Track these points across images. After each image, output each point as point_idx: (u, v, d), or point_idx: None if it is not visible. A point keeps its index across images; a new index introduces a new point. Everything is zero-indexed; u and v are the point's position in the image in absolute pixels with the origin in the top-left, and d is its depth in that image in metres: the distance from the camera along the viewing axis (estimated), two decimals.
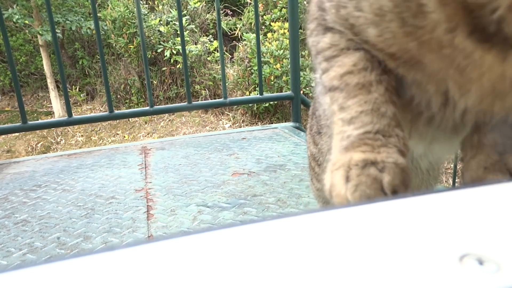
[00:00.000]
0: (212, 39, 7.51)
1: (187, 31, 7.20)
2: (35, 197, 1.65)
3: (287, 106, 6.48)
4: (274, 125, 2.56)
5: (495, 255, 0.28)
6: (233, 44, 7.61)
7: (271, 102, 6.39)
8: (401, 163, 0.52)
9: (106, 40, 7.46)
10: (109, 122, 7.19)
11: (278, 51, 6.40)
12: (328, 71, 0.61)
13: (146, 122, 7.31)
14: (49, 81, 7.65)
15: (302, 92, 2.81)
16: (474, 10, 0.44)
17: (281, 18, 7.15)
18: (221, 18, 3.13)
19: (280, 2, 7.40)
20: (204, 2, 8.03)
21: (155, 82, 7.39)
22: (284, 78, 6.27)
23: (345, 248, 0.30)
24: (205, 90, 7.20)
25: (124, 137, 7.14)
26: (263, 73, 5.94)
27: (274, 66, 6.30)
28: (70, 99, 5.22)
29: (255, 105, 6.50)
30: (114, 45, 7.52)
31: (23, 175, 1.91)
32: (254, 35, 6.18)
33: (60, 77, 2.35)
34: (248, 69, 6.72)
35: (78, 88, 8.25)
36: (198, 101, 6.54)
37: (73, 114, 2.27)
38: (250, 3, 7.80)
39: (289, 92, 2.66)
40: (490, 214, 0.34)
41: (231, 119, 6.92)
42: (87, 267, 0.29)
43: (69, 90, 6.99)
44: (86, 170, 1.91)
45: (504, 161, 0.57)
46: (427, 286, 0.26)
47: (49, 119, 5.56)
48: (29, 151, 6.98)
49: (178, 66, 7.10)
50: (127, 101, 7.68)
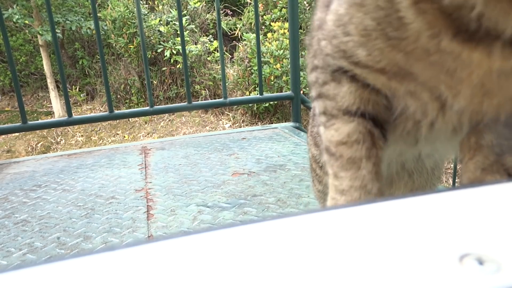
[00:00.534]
0: (212, 39, 7.51)
1: (187, 31, 7.20)
2: (35, 197, 1.65)
3: (287, 106, 6.48)
4: (274, 125, 2.56)
5: (495, 255, 0.28)
6: (233, 44, 7.61)
7: (271, 102, 6.39)
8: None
9: (106, 40, 7.46)
10: (109, 122, 7.20)
11: (278, 51, 6.39)
12: (326, 128, 0.69)
13: (146, 122, 7.31)
14: (49, 81, 7.65)
15: (302, 92, 2.81)
16: (453, 13, 0.45)
17: (281, 18, 7.15)
18: (221, 18, 3.13)
19: (280, 2, 7.40)
20: (204, 2, 8.03)
21: (155, 82, 7.39)
22: (284, 78, 6.27)
23: (345, 248, 0.30)
24: (205, 90, 7.20)
25: (124, 137, 7.14)
26: (263, 73, 5.94)
27: (274, 66, 6.30)
28: (70, 99, 5.22)
29: (255, 105, 6.50)
30: (114, 45, 7.52)
31: (23, 175, 1.91)
32: (254, 35, 6.18)
33: (60, 77, 2.35)
34: (248, 69, 6.72)
35: (78, 88, 8.25)
36: (198, 101, 6.54)
37: (73, 114, 2.27)
38: (250, 3, 7.80)
39: (289, 92, 2.66)
40: (490, 214, 0.34)
41: (231, 119, 6.92)
42: (87, 267, 0.29)
43: (69, 90, 6.99)
44: (86, 170, 1.91)
45: (501, 162, 0.57)
46: (427, 286, 0.26)
47: (49, 119, 5.56)
48: (29, 151, 6.98)
49: (178, 66, 7.10)
50: (127, 101, 7.68)
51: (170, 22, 7.22)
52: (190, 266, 0.29)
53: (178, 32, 4.14)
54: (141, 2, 6.67)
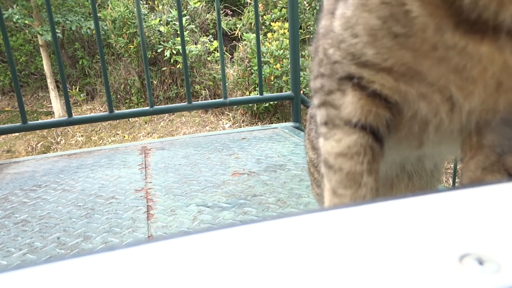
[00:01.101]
0: (212, 39, 7.51)
1: (187, 31, 7.20)
2: (35, 197, 1.65)
3: (287, 106, 6.48)
4: (274, 125, 2.56)
5: (495, 255, 0.28)
6: (233, 44, 7.61)
7: (271, 102, 6.39)
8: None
9: (106, 40, 7.46)
10: (109, 122, 7.20)
11: (278, 51, 6.39)
12: (327, 139, 0.67)
13: (146, 122, 7.31)
14: (49, 81, 7.65)
15: (302, 92, 2.81)
16: (454, 2, 0.44)
17: (281, 18, 7.15)
18: (221, 18, 3.13)
19: (280, 2, 7.40)
20: (204, 2, 8.03)
21: (155, 82, 7.39)
22: (284, 78, 6.27)
23: (345, 248, 0.30)
24: (205, 90, 7.20)
25: (124, 137, 7.14)
26: (263, 73, 5.94)
27: (274, 66, 6.30)
28: (70, 99, 5.22)
29: (255, 105, 6.50)
30: (114, 45, 7.52)
31: (23, 175, 1.91)
32: (254, 35, 6.18)
33: (60, 77, 2.35)
34: (248, 69, 6.72)
35: (78, 88, 8.25)
36: (198, 101, 6.54)
37: (73, 114, 2.27)
38: (250, 3, 7.80)
39: (289, 92, 2.66)
40: (490, 214, 0.34)
41: (231, 119, 6.92)
42: (87, 267, 0.29)
43: (69, 90, 6.99)
44: (86, 170, 1.91)
45: (502, 161, 0.57)
46: (427, 286, 0.26)
47: (49, 119, 5.56)
48: (29, 151, 6.98)
49: (178, 66, 7.10)
50: (127, 101, 7.68)
51: (170, 22, 7.22)
52: (190, 266, 0.29)
53: (178, 32, 4.14)
54: (141, 2, 6.68)
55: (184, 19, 6.58)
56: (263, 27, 7.19)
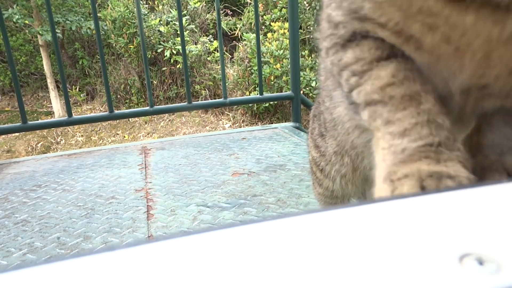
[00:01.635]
0: (212, 39, 7.51)
1: (187, 31, 7.20)
2: (35, 197, 1.65)
3: (287, 106, 6.48)
4: (274, 125, 2.56)
5: (495, 255, 0.28)
6: (233, 44, 7.61)
7: (271, 102, 6.39)
8: (472, 179, 0.50)
9: (106, 40, 7.46)
10: (109, 122, 7.20)
11: (278, 51, 6.40)
12: (360, 86, 0.59)
13: (146, 122, 7.31)
14: (49, 81, 7.66)
15: (302, 92, 2.81)
16: None
17: (281, 18, 7.15)
18: (221, 18, 3.13)
19: (280, 2, 7.40)
20: (204, 2, 8.03)
21: (155, 82, 7.39)
22: (284, 78, 6.27)
23: (345, 248, 0.30)
24: (205, 90, 7.20)
25: (124, 137, 7.14)
26: (263, 73, 5.94)
27: (274, 66, 6.30)
28: (70, 99, 5.22)
29: (255, 105, 6.50)
30: (114, 45, 7.52)
31: (23, 175, 1.91)
32: (254, 35, 6.18)
33: (60, 77, 2.35)
34: (248, 69, 6.72)
35: (78, 88, 8.25)
36: (198, 101, 6.54)
37: (73, 114, 2.27)
38: (250, 3, 7.80)
39: (289, 92, 2.66)
40: (490, 214, 0.34)
41: (231, 119, 6.92)
42: (87, 267, 0.29)
43: (69, 90, 6.99)
44: (86, 170, 1.91)
45: (502, 161, 0.57)
46: (427, 286, 0.26)
47: (49, 119, 5.56)
48: (29, 151, 6.98)
49: (178, 66, 7.10)
50: (127, 101, 7.68)
51: (170, 22, 7.22)
52: (190, 266, 0.29)
53: (178, 32, 4.14)
54: (141, 2, 6.68)
55: (184, 19, 6.58)
56: (263, 27, 7.19)
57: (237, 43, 7.41)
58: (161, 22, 7.16)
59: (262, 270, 0.28)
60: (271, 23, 6.97)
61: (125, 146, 2.28)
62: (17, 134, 6.92)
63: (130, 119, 7.25)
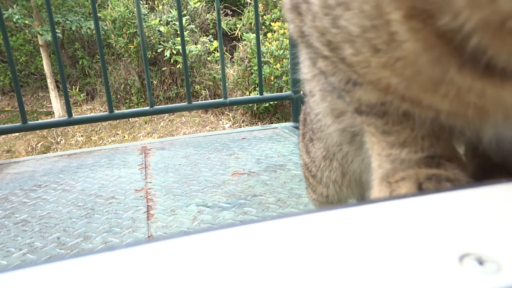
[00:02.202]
0: (212, 39, 7.51)
1: (187, 31, 7.20)
2: (35, 197, 1.65)
3: (287, 106, 6.48)
4: (274, 125, 2.56)
5: (495, 255, 0.28)
6: (233, 44, 7.61)
7: (271, 102, 6.39)
8: (472, 183, 0.49)
9: (106, 40, 7.46)
10: (109, 122, 7.20)
11: (278, 51, 6.40)
12: (348, 93, 0.52)
13: (146, 122, 7.31)
14: (49, 81, 7.66)
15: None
16: (452, 38, 0.34)
17: (281, 18, 7.14)
18: (221, 18, 3.13)
19: (280, 2, 7.40)
20: (204, 2, 8.03)
21: (155, 82, 7.39)
22: (284, 78, 6.27)
23: (345, 248, 0.30)
24: (205, 90, 7.20)
25: (124, 137, 7.14)
26: (263, 73, 5.94)
27: (274, 66, 6.31)
28: (70, 99, 5.22)
29: (255, 105, 6.50)
30: (114, 45, 7.53)
31: (23, 175, 1.91)
32: (254, 35, 6.18)
33: (60, 77, 2.35)
34: (248, 69, 6.72)
35: (78, 88, 8.25)
36: (198, 101, 6.54)
37: (73, 114, 2.27)
38: (250, 3, 7.80)
39: (289, 92, 2.66)
40: (490, 214, 0.34)
41: (231, 119, 6.92)
42: (87, 267, 0.29)
43: (69, 90, 6.99)
44: (86, 170, 1.91)
45: (505, 163, 0.57)
46: (427, 286, 0.26)
47: (49, 119, 5.56)
48: (29, 151, 6.99)
49: (178, 66, 7.10)
50: (127, 101, 7.68)
51: (170, 22, 7.22)
52: (190, 266, 0.29)
53: (178, 32, 4.14)
54: (141, 2, 6.68)
55: (184, 19, 6.58)
56: (263, 27, 7.19)
57: (237, 43, 7.41)
58: (161, 22, 7.16)
59: (262, 270, 0.28)
60: (271, 23, 6.98)
61: (125, 146, 2.28)
62: (17, 134, 6.92)
63: (130, 119, 7.25)
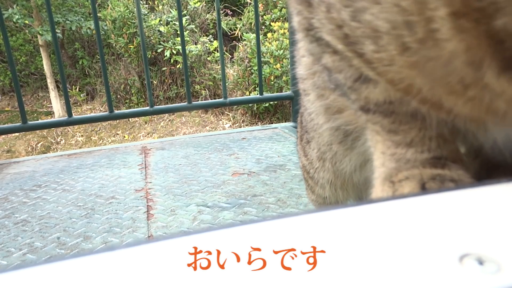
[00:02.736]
0: (212, 39, 7.51)
1: (187, 31, 7.20)
2: (35, 197, 1.65)
3: (287, 106, 6.48)
4: (274, 125, 2.56)
5: (495, 255, 0.28)
6: (233, 44, 7.61)
7: (271, 102, 6.39)
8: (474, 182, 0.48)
9: (106, 40, 7.46)
10: (109, 122, 7.20)
11: (278, 51, 6.40)
12: (354, 91, 0.51)
13: (146, 122, 7.31)
14: (49, 81, 7.66)
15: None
16: (506, 40, 0.33)
17: (281, 18, 7.15)
18: (221, 18, 3.13)
19: (280, 2, 7.40)
20: (204, 2, 8.03)
21: (155, 82, 7.39)
22: (284, 78, 6.27)
23: (344, 248, 0.30)
24: (205, 90, 7.21)
25: (124, 137, 7.14)
26: (263, 73, 5.94)
27: (274, 66, 6.31)
28: (70, 99, 5.22)
29: (255, 105, 6.50)
30: (114, 45, 7.53)
31: (23, 175, 1.91)
32: (254, 35, 6.18)
33: (60, 77, 2.35)
34: (248, 69, 6.72)
35: (78, 88, 8.25)
36: (198, 101, 6.55)
37: (73, 114, 2.27)
38: (250, 3, 7.80)
39: (289, 92, 2.66)
40: (490, 214, 0.34)
41: (231, 119, 6.92)
42: (87, 267, 0.29)
43: (69, 90, 6.99)
44: (86, 170, 1.91)
45: (506, 163, 0.56)
46: (427, 286, 0.26)
47: (49, 119, 5.56)
48: (29, 151, 6.99)
49: (178, 66, 7.10)
50: (127, 101, 7.68)
51: (170, 22, 7.22)
52: (190, 266, 0.29)
53: (178, 32, 4.14)
54: (141, 2, 6.67)
55: (184, 19, 6.58)
56: (263, 27, 7.19)
57: (237, 43, 7.41)
58: (161, 22, 7.16)
59: (262, 270, 0.28)
60: (271, 23, 6.97)
61: (125, 146, 2.28)
62: (17, 134, 6.92)
63: (130, 119, 7.25)
